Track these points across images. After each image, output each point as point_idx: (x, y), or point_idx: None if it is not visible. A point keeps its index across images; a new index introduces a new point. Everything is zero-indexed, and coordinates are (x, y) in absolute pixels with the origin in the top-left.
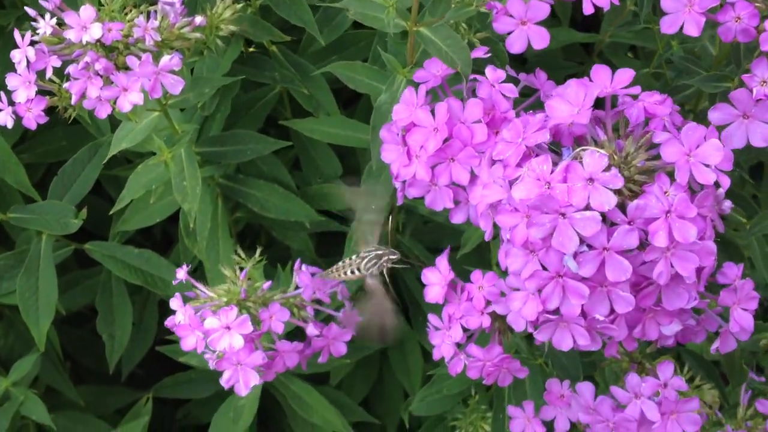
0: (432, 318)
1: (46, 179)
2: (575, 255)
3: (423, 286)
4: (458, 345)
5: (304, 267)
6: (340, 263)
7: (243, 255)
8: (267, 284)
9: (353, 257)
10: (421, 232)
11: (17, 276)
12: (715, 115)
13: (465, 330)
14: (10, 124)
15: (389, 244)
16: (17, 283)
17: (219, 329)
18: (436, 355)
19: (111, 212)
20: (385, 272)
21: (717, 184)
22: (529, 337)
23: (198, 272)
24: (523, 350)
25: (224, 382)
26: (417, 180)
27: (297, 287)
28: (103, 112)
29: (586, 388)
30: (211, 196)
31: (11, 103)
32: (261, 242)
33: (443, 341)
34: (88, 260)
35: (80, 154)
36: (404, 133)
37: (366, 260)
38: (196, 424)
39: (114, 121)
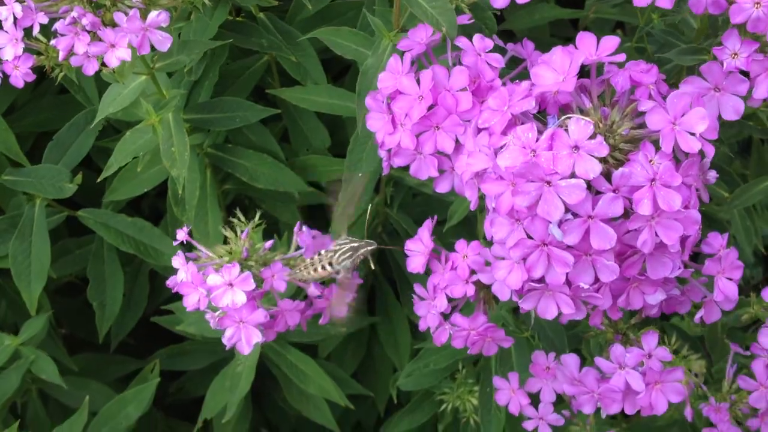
0: (417, 288)
1: (35, 150)
2: (560, 223)
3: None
4: (444, 315)
5: (305, 228)
6: (308, 259)
7: (240, 219)
8: (269, 243)
9: (322, 251)
10: (410, 205)
11: (9, 241)
12: (686, 88)
13: (450, 300)
14: None
15: (366, 230)
16: (10, 246)
17: (222, 286)
18: (422, 326)
19: (99, 179)
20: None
21: (702, 154)
22: (515, 310)
23: (186, 244)
24: (509, 323)
25: (226, 340)
26: (402, 148)
27: (297, 248)
28: (90, 69)
29: (571, 359)
30: (200, 166)
31: None
32: (249, 215)
33: (428, 311)
34: (80, 230)
35: (76, 119)
36: (389, 101)
37: (339, 253)
38: (189, 397)
39: (102, 89)
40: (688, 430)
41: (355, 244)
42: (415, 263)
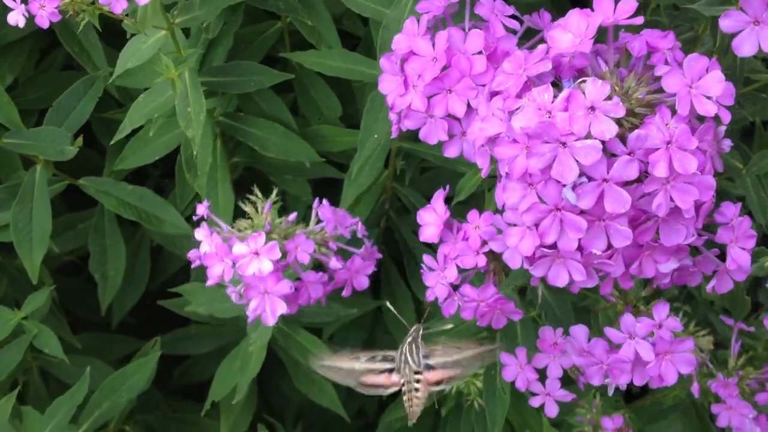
0: (427, 259)
1: (37, 126)
2: (574, 187)
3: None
4: (453, 286)
5: (325, 201)
6: (405, 398)
7: (257, 196)
8: (292, 216)
9: (403, 381)
10: (419, 181)
11: (9, 210)
12: (726, 22)
13: (460, 271)
14: (21, 24)
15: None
16: (11, 212)
17: (247, 255)
18: (429, 297)
19: (111, 142)
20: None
21: (718, 120)
22: (522, 291)
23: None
24: (517, 303)
25: (251, 311)
26: (412, 110)
27: (318, 221)
28: (118, 8)
29: (580, 330)
30: (212, 133)
31: (24, 1)
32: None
33: (437, 282)
34: (80, 204)
35: (75, 86)
36: (403, 63)
37: (411, 361)
38: (193, 382)
39: (110, 58)
40: (693, 412)
41: (410, 338)
42: (429, 233)
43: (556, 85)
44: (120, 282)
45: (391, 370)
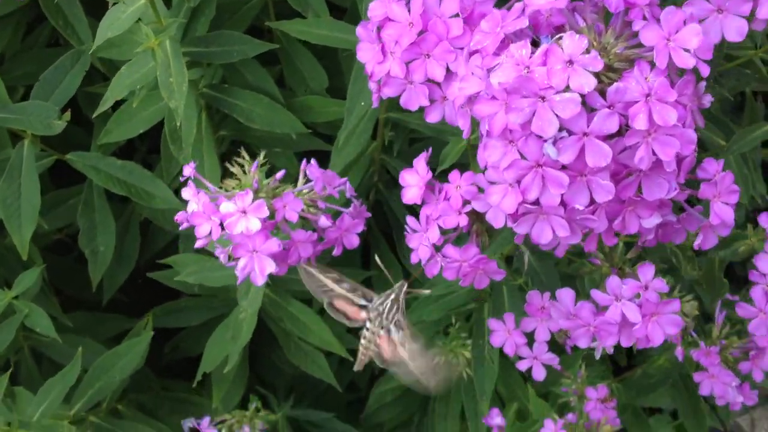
0: (410, 220)
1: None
2: (555, 142)
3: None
4: (435, 247)
5: (313, 161)
6: (362, 341)
7: (242, 160)
8: (280, 174)
9: (368, 324)
10: (408, 153)
11: None
12: (689, 9)
13: (443, 232)
14: None
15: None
16: None
17: (235, 213)
18: (413, 259)
19: (95, 115)
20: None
21: (697, 75)
22: (509, 259)
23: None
24: (499, 263)
25: (240, 270)
26: (391, 77)
27: (307, 181)
28: None
29: (566, 294)
30: (196, 105)
31: None
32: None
33: (420, 243)
34: (68, 181)
35: (62, 60)
36: (379, 30)
37: (385, 313)
38: (184, 358)
39: (95, 32)
40: (681, 385)
41: (393, 295)
42: (411, 194)
43: (535, 44)
44: (110, 257)
45: (363, 307)
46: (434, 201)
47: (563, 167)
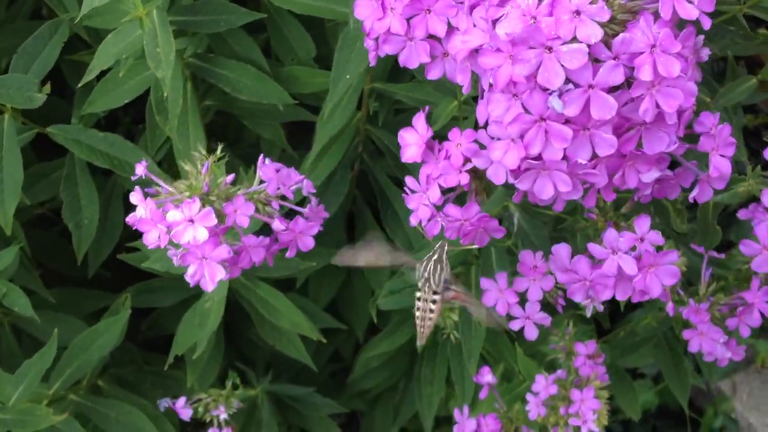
0: (409, 180)
1: None
2: (560, 95)
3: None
4: (436, 207)
5: (267, 161)
6: (417, 312)
7: (209, 149)
8: (230, 177)
9: (417, 294)
10: (393, 123)
11: None
12: None
13: (443, 192)
14: None
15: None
16: None
17: (182, 222)
18: (412, 221)
19: (80, 84)
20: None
21: (699, 27)
22: (498, 221)
23: (165, 165)
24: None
25: (189, 277)
26: (391, 35)
27: (261, 182)
28: None
29: (562, 248)
30: (183, 74)
31: None
32: (229, 137)
33: (420, 204)
34: (51, 154)
35: (41, 31)
36: None
37: (433, 277)
38: (161, 335)
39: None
40: (665, 344)
41: (435, 256)
42: (410, 153)
43: None
44: (94, 231)
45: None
46: (434, 160)
47: (566, 121)
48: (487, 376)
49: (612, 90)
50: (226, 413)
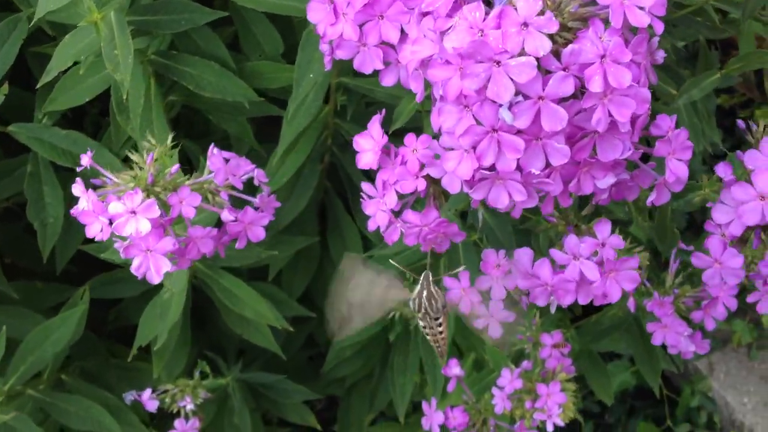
0: (365, 186)
1: None
2: (510, 106)
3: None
4: (394, 213)
5: (216, 150)
6: (428, 338)
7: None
8: (175, 168)
9: (422, 324)
10: (362, 116)
11: None
12: None
13: (400, 197)
14: None
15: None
16: None
17: (124, 214)
18: (371, 226)
19: (38, 86)
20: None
21: (651, 32)
22: (463, 215)
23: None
24: (459, 225)
25: (134, 269)
26: (344, 40)
27: (210, 172)
28: None
29: (524, 253)
30: (144, 73)
31: None
32: (197, 131)
33: (378, 209)
34: (11, 152)
35: None
36: None
37: (431, 309)
38: (127, 325)
39: None
40: (636, 329)
41: (425, 292)
42: (366, 159)
43: (489, 4)
44: (60, 229)
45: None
46: (390, 165)
47: (519, 132)
48: (455, 369)
49: (563, 100)
50: (193, 404)
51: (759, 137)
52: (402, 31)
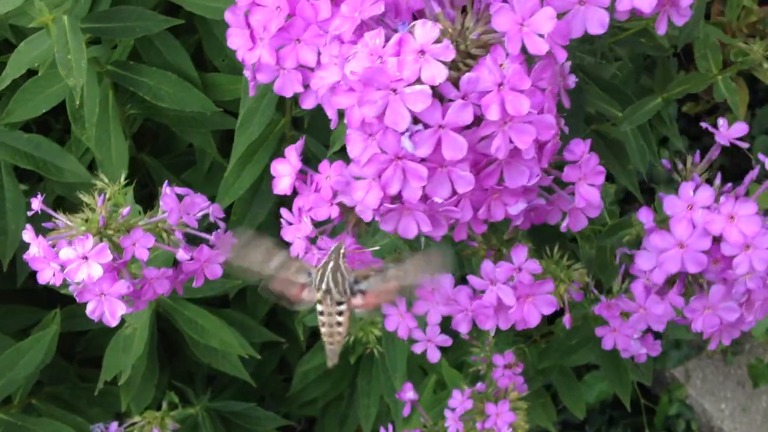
0: (283, 212)
1: None
2: (411, 135)
3: None
4: (310, 239)
5: (169, 189)
6: (322, 329)
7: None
8: (126, 210)
9: (319, 308)
10: (320, 129)
11: None
12: (553, 3)
13: (318, 224)
14: None
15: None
16: None
17: (75, 260)
18: (292, 252)
19: None
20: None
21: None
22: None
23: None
24: (401, 247)
25: (89, 313)
26: (263, 64)
27: (163, 212)
28: None
29: (445, 279)
30: (100, 83)
31: None
32: (160, 145)
33: (295, 236)
34: None
35: None
36: (248, 15)
37: (332, 287)
38: (95, 356)
39: None
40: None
41: (331, 263)
42: (282, 185)
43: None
44: (20, 237)
45: (304, 285)
46: (307, 191)
47: (423, 160)
48: (409, 393)
49: (466, 128)
50: None
51: (686, 175)
52: (319, 53)
